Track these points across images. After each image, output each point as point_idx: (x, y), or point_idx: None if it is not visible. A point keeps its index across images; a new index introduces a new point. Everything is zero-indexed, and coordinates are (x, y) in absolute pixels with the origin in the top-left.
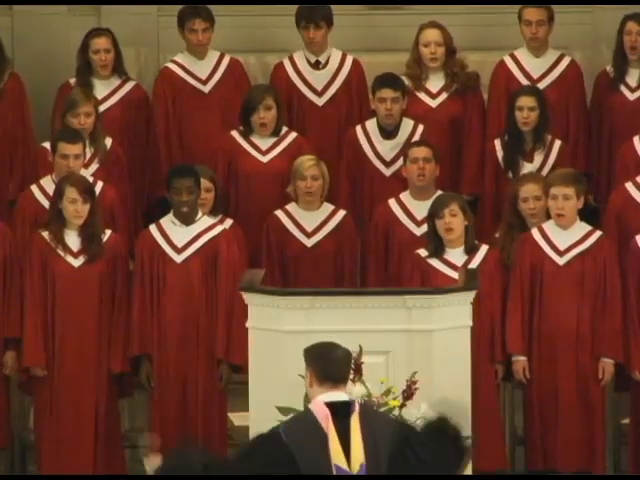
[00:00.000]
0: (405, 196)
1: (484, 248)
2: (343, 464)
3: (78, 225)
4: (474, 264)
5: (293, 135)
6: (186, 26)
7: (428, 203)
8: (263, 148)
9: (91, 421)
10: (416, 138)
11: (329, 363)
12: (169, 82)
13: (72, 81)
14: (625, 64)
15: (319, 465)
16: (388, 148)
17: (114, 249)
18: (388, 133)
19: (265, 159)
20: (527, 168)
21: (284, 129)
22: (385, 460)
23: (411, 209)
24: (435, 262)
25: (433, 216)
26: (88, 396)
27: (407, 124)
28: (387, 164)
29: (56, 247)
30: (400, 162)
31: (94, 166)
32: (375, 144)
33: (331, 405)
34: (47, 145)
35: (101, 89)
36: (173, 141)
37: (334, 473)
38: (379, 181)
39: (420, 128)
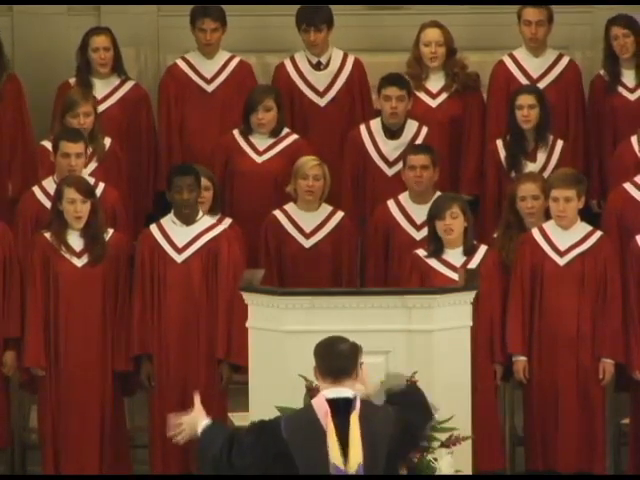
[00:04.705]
0: (404, 198)
1: (483, 249)
2: (340, 464)
3: (79, 227)
4: (473, 265)
5: (293, 137)
6: (196, 25)
7: (427, 207)
8: (260, 148)
9: (97, 421)
10: (420, 140)
11: (330, 358)
12: (174, 78)
13: (72, 81)
14: (617, 67)
15: (316, 462)
16: (391, 148)
17: (117, 248)
18: (392, 133)
19: (260, 159)
20: (530, 168)
21: (285, 130)
22: (383, 460)
23: (410, 212)
24: (434, 262)
25: (434, 217)
26: (93, 396)
27: (412, 125)
28: (390, 164)
29: (59, 248)
30: None
31: (92, 165)
32: (379, 144)
33: (332, 402)
34: (47, 144)
35: (100, 88)
36: (174, 137)
37: (331, 471)
38: (381, 181)
39: (424, 130)
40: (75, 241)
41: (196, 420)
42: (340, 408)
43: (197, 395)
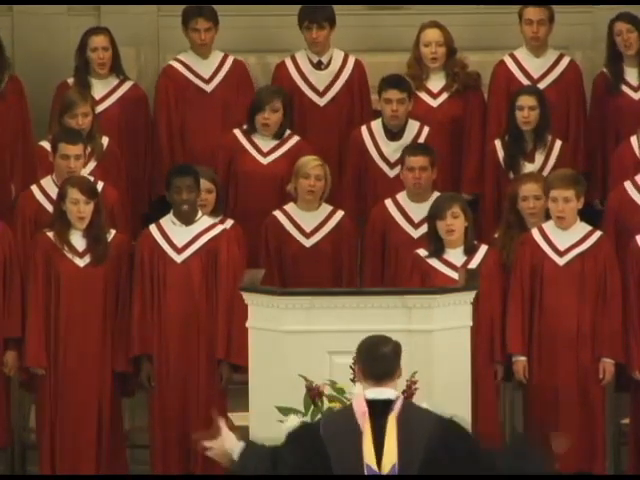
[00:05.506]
0: (402, 197)
1: (483, 248)
2: (373, 464)
3: (82, 227)
4: (473, 264)
5: (295, 139)
6: (189, 25)
7: (425, 205)
8: (264, 149)
9: (94, 421)
10: (421, 140)
11: (373, 361)
12: (172, 80)
13: (70, 81)
14: (620, 66)
15: (351, 462)
16: (392, 149)
17: (118, 249)
18: (393, 134)
19: (265, 161)
20: (528, 168)
21: (287, 132)
22: (418, 463)
23: (408, 211)
24: (435, 262)
25: (434, 217)
26: (91, 396)
27: (413, 126)
28: (391, 165)
29: (61, 247)
30: None
31: (91, 165)
32: (380, 145)
33: (372, 402)
34: (45, 144)
35: (99, 88)
36: (175, 139)
37: (365, 472)
38: (382, 181)
39: (426, 130)
40: (78, 241)
41: (227, 445)
42: (379, 409)
43: (221, 419)
